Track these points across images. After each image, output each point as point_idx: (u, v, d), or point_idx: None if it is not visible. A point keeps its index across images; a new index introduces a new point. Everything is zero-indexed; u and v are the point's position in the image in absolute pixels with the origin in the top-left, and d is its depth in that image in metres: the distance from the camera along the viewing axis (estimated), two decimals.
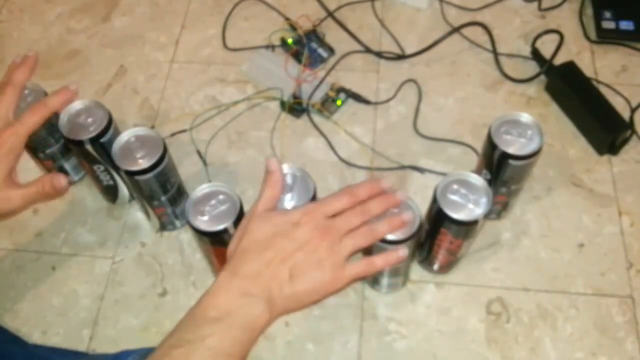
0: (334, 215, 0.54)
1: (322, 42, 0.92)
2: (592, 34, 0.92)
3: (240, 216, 0.61)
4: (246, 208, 0.62)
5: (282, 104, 0.86)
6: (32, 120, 0.62)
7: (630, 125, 0.82)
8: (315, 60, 0.90)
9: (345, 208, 0.55)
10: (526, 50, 0.90)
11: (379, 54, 0.91)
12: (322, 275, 0.52)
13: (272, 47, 0.92)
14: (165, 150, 0.65)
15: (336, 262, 0.52)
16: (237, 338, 0.49)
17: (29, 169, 0.79)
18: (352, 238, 0.54)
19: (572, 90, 0.82)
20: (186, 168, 0.80)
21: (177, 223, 0.76)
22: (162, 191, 0.69)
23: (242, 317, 0.49)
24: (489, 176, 0.68)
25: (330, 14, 0.95)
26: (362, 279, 0.55)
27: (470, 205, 0.60)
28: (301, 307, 0.53)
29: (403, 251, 0.57)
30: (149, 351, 0.62)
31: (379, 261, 0.56)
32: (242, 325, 0.49)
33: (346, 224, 0.54)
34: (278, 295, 0.51)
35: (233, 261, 0.52)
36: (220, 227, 0.60)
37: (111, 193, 0.77)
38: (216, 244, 0.62)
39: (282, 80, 0.87)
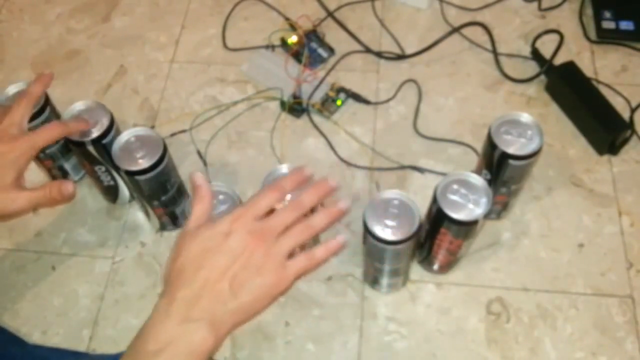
0: (266, 215, 0.52)
1: (322, 42, 0.92)
2: (592, 34, 0.92)
3: None
4: None
5: (282, 104, 0.86)
6: (49, 135, 0.63)
7: (630, 125, 0.82)
8: (315, 60, 0.90)
9: (274, 205, 0.52)
10: (526, 50, 0.90)
11: (379, 54, 0.91)
12: (264, 280, 0.50)
13: (272, 47, 0.92)
14: (165, 150, 0.65)
15: (276, 264, 0.50)
16: None
17: (29, 168, 0.79)
18: (288, 237, 0.51)
19: (572, 90, 0.82)
20: (186, 168, 0.80)
21: (177, 223, 0.76)
22: (162, 191, 0.69)
23: (183, 345, 0.47)
24: (489, 176, 0.68)
25: (330, 14, 0.95)
26: (307, 273, 0.52)
27: (470, 205, 0.60)
28: (251, 317, 0.51)
29: (341, 237, 0.53)
30: None
31: (319, 252, 0.52)
32: (185, 354, 0.47)
33: (280, 222, 0.51)
34: (223, 313, 0.48)
35: (168, 286, 0.50)
36: None
37: (112, 193, 0.77)
38: None
39: (282, 80, 0.87)
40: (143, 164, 0.64)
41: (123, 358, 0.48)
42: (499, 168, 0.66)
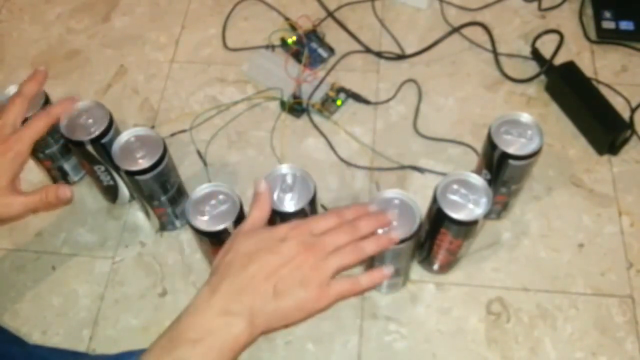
0: (321, 234, 0.54)
1: (322, 42, 0.92)
2: (592, 34, 0.92)
3: (240, 216, 0.61)
4: (246, 208, 0.62)
5: (282, 104, 0.86)
6: (36, 126, 0.63)
7: (630, 125, 0.82)
8: (315, 60, 0.90)
9: (332, 227, 0.54)
10: (526, 50, 0.90)
11: (379, 54, 0.91)
12: (306, 293, 0.51)
13: (272, 47, 0.92)
14: (165, 150, 0.65)
15: (321, 279, 0.51)
16: (215, 357, 0.48)
17: (29, 168, 0.79)
18: (338, 256, 0.52)
19: (572, 90, 0.82)
20: (186, 168, 0.80)
21: (177, 223, 0.76)
22: (162, 191, 0.69)
23: (221, 337, 0.48)
24: (489, 176, 0.68)
25: (330, 14, 0.95)
26: (347, 297, 0.55)
27: (470, 205, 0.60)
28: (284, 325, 0.52)
29: (388, 269, 0.57)
30: None
31: (364, 280, 0.55)
32: (222, 346, 0.48)
33: (333, 241, 0.53)
34: (260, 311, 0.50)
35: (215, 277, 0.51)
36: (221, 227, 0.60)
37: (111, 193, 0.77)
38: (216, 244, 0.62)
39: (282, 80, 0.87)
40: (143, 164, 0.64)
41: (159, 340, 0.49)
42: (499, 168, 0.66)
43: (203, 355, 0.48)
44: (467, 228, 0.61)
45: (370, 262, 0.65)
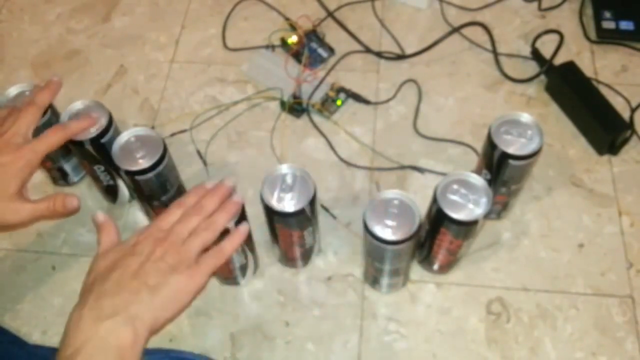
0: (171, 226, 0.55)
1: (322, 42, 0.92)
2: (592, 34, 0.92)
3: (241, 216, 0.61)
4: (247, 208, 0.62)
5: (282, 104, 0.86)
6: (51, 139, 0.62)
7: (630, 125, 0.82)
8: (315, 60, 0.90)
9: (179, 219, 0.55)
10: (526, 50, 0.90)
11: (379, 54, 0.91)
12: (177, 278, 0.51)
13: (272, 47, 0.92)
14: (165, 150, 0.65)
15: (188, 261, 0.52)
16: None
17: None
18: (194, 237, 0.54)
19: (572, 90, 0.82)
20: (186, 168, 0.80)
21: None
22: (162, 191, 0.69)
23: (99, 344, 0.46)
24: (489, 176, 0.68)
25: (330, 14, 0.95)
26: (221, 268, 0.55)
27: (470, 205, 0.60)
28: (171, 314, 0.51)
29: (244, 227, 0.58)
30: (147, 352, 0.62)
31: (227, 245, 0.56)
32: (103, 353, 0.46)
33: (185, 227, 0.54)
34: (138, 310, 0.49)
35: (82, 297, 0.51)
36: None
37: (111, 193, 0.77)
38: (217, 244, 0.62)
39: (282, 80, 0.87)
40: (143, 164, 0.64)
41: None
42: (499, 168, 0.66)
43: None
44: (467, 228, 0.61)
45: (370, 261, 0.65)
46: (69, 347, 0.47)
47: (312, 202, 0.62)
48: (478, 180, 0.61)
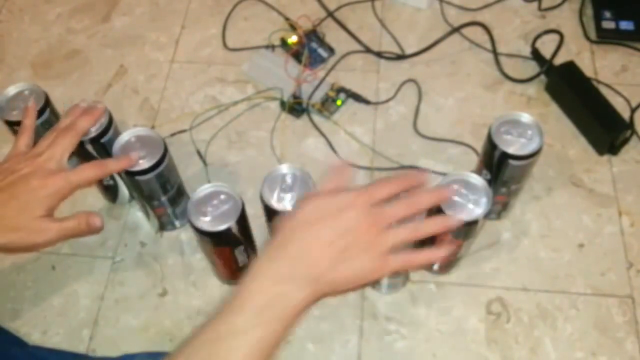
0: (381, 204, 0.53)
1: (322, 42, 0.92)
2: (592, 34, 0.92)
3: (242, 216, 0.61)
4: (247, 208, 0.62)
5: (282, 104, 0.86)
6: (87, 174, 0.61)
7: (630, 125, 0.82)
8: (315, 60, 0.90)
9: (393, 195, 0.54)
10: (526, 50, 0.90)
11: (379, 54, 0.91)
12: (363, 264, 0.51)
13: (272, 47, 0.92)
14: (165, 150, 0.65)
15: (379, 253, 0.51)
16: (276, 326, 0.48)
17: None
18: (398, 232, 0.52)
19: (572, 90, 0.82)
20: (186, 168, 0.80)
21: (177, 223, 0.76)
22: (162, 191, 0.69)
23: (277, 306, 0.48)
24: (489, 176, 0.68)
25: (330, 14, 0.95)
26: (401, 271, 0.55)
27: (470, 205, 0.60)
28: (338, 293, 0.52)
29: (444, 251, 0.57)
30: (150, 356, 0.62)
31: (421, 257, 0.54)
32: (278, 314, 0.48)
33: (394, 213, 0.52)
34: (320, 277, 0.49)
35: (274, 243, 0.51)
36: (223, 227, 0.60)
37: (111, 193, 0.77)
38: (219, 244, 0.63)
39: (282, 80, 0.87)
40: (143, 164, 0.64)
41: (217, 309, 0.48)
42: (499, 168, 0.66)
43: (262, 323, 0.47)
44: (467, 228, 0.61)
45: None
46: (251, 297, 0.48)
47: None
48: (478, 180, 0.61)
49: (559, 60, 0.85)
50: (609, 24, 0.91)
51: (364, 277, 0.51)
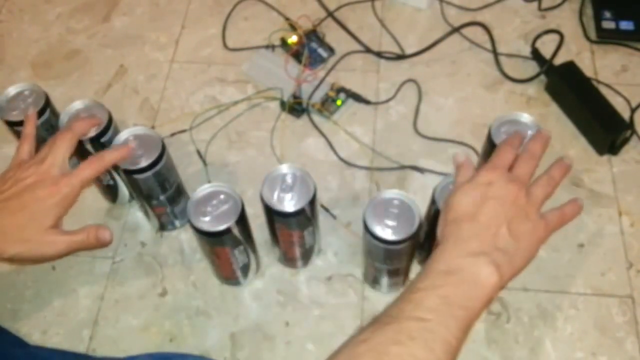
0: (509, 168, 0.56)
1: (322, 42, 0.92)
2: (592, 34, 0.92)
3: (242, 216, 0.61)
4: (247, 208, 0.62)
5: (282, 104, 0.86)
6: (88, 172, 0.61)
7: (631, 125, 0.82)
8: (315, 60, 0.90)
9: (512, 159, 0.56)
10: (526, 50, 0.90)
11: (379, 54, 0.91)
12: (533, 225, 0.52)
13: (272, 47, 0.92)
14: (163, 149, 0.65)
15: (537, 211, 0.53)
16: (469, 293, 0.48)
17: None
18: (538, 187, 0.54)
19: (572, 90, 0.82)
20: (186, 168, 0.80)
21: (177, 223, 0.76)
22: (161, 190, 0.69)
23: (471, 273, 0.49)
24: None
25: (330, 14, 0.95)
26: (557, 229, 0.55)
27: None
28: (523, 267, 0.52)
29: (580, 201, 0.58)
30: (152, 357, 0.62)
31: (568, 210, 0.56)
32: (473, 282, 0.48)
33: (527, 171, 0.55)
34: (503, 255, 0.50)
35: (449, 234, 0.52)
36: (223, 227, 0.60)
37: (111, 193, 0.77)
38: (218, 244, 0.62)
39: (282, 80, 0.87)
40: (141, 162, 0.64)
41: (413, 280, 0.50)
42: None
43: (456, 285, 0.48)
44: None
45: (370, 261, 0.65)
46: (444, 263, 0.49)
47: (312, 202, 0.62)
48: None
49: (559, 60, 0.85)
50: (609, 24, 0.91)
51: (537, 241, 0.52)
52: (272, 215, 0.63)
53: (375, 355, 0.45)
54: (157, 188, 0.68)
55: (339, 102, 0.85)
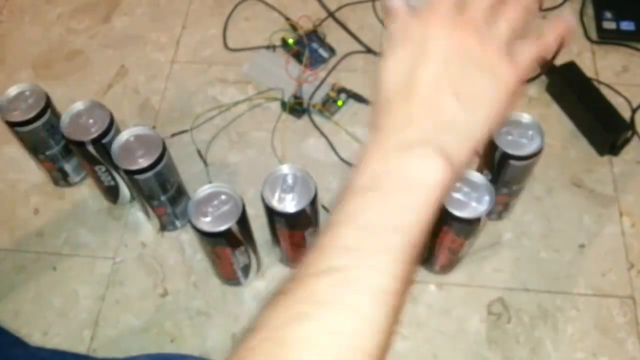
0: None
1: (322, 43, 0.92)
2: (593, 34, 0.92)
3: (242, 216, 0.61)
4: (248, 208, 0.62)
5: (283, 104, 0.86)
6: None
7: (631, 125, 0.82)
8: (316, 61, 0.90)
9: None
10: None
11: (379, 54, 0.91)
12: (491, 74, 0.37)
13: (272, 47, 0.92)
14: (164, 149, 0.65)
15: (498, 51, 0.38)
16: (403, 207, 0.35)
17: (29, 169, 0.79)
18: (499, 18, 0.38)
19: (573, 91, 0.82)
20: (187, 168, 0.80)
21: (178, 223, 0.76)
22: (162, 191, 0.69)
23: (404, 177, 0.36)
24: (490, 176, 0.68)
25: (331, 14, 0.95)
26: (535, 62, 0.39)
27: (473, 203, 0.60)
28: (483, 134, 0.38)
29: (570, 18, 0.41)
30: (152, 357, 0.61)
31: (550, 34, 0.40)
32: (407, 188, 0.35)
33: (480, 5, 0.39)
34: (451, 134, 0.37)
35: (376, 123, 0.38)
36: (223, 227, 0.60)
37: (112, 193, 0.77)
38: (219, 244, 0.62)
39: (283, 81, 0.87)
40: (142, 163, 0.64)
41: (338, 203, 0.37)
42: (500, 168, 0.66)
43: (382, 201, 0.35)
44: (470, 226, 0.61)
45: None
46: (363, 176, 0.37)
47: (313, 202, 0.62)
48: (480, 179, 0.61)
49: (559, 61, 0.85)
50: (609, 24, 0.91)
51: (504, 90, 0.38)
52: (273, 215, 0.62)
53: (270, 347, 0.32)
54: (158, 188, 0.68)
55: (339, 103, 0.85)
